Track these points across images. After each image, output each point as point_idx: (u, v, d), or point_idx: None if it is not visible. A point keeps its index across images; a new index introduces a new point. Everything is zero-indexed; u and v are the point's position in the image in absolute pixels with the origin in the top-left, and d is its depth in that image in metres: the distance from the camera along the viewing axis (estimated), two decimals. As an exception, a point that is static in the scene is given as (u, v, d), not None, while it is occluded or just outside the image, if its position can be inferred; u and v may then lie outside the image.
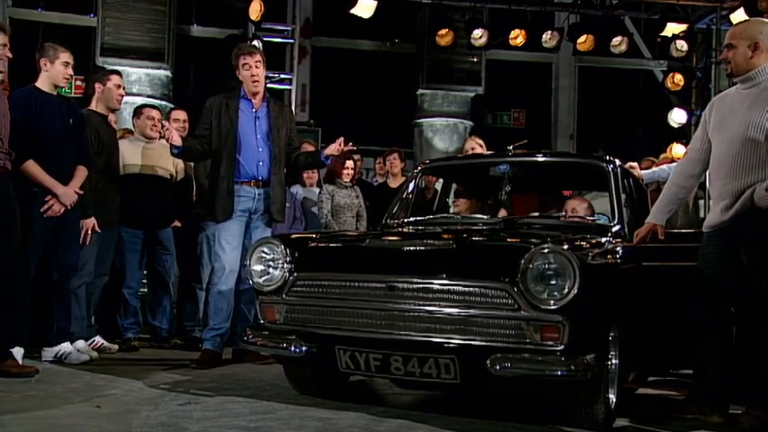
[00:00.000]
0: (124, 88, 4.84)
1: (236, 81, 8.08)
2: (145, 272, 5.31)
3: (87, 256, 4.44)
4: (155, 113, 5.22)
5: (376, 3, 8.14)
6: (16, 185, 3.76)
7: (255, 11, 7.51)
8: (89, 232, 4.36)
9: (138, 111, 5.30)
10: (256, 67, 4.30)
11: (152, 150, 5.14)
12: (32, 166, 3.93)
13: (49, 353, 4.09)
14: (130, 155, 5.04)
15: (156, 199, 5.11)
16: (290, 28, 8.79)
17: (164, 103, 8.86)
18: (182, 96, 9.32)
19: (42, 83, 4.09)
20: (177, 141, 4.12)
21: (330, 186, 5.99)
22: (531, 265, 2.65)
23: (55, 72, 4.08)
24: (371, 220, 6.08)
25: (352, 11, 8.21)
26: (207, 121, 4.35)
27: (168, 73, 9.30)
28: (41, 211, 3.94)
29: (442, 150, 10.27)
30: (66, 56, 4.11)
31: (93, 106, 4.69)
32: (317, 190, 6.15)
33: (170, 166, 5.24)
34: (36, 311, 4.00)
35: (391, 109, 10.85)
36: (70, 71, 4.15)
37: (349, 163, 6.03)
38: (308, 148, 7.00)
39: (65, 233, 4.12)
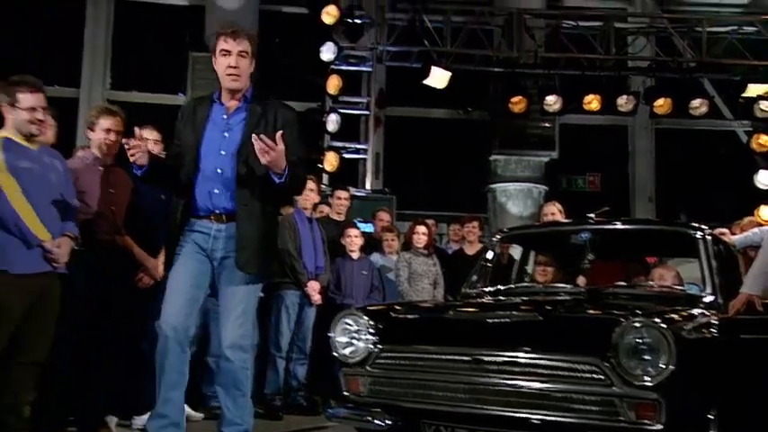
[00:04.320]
0: None
1: (316, 152, 8.34)
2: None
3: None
4: None
5: (450, 74, 8.32)
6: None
7: (334, 86, 7.83)
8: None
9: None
10: (240, 56, 3.10)
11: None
12: (125, 238, 4.13)
13: (138, 421, 4.20)
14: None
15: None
16: (365, 100, 9.07)
17: None
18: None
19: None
20: (141, 160, 3.01)
21: (407, 254, 6.04)
22: (623, 340, 2.58)
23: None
24: (447, 287, 6.07)
25: (426, 82, 8.41)
26: (177, 135, 3.27)
27: None
28: (133, 283, 4.13)
29: (515, 215, 10.20)
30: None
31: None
32: (396, 257, 6.21)
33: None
34: (126, 380, 4.14)
35: (464, 175, 10.90)
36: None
37: (420, 228, 6.08)
38: (384, 216, 7.13)
39: (154, 305, 4.28)
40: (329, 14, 7.86)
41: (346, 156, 8.36)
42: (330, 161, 7.71)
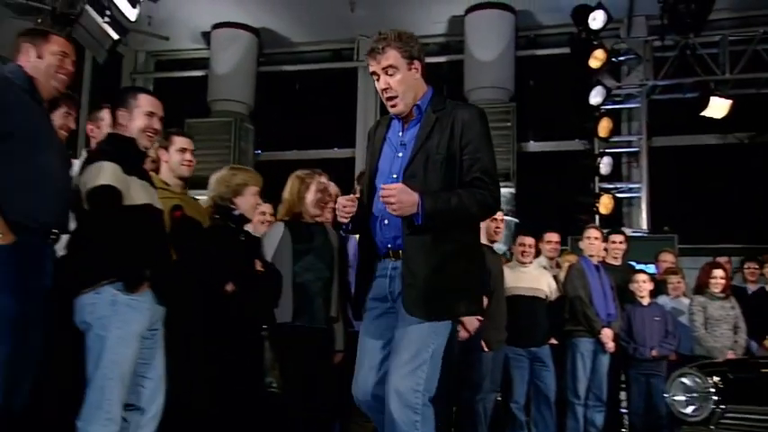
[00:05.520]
0: None
1: (588, 195, 8.24)
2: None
3: (484, 373, 4.94)
4: (528, 240, 5.65)
5: (731, 102, 7.79)
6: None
7: (605, 128, 7.76)
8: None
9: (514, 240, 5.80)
10: (387, 74, 2.61)
11: (528, 274, 5.56)
12: None
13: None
14: (511, 279, 5.48)
15: (536, 319, 5.47)
16: (635, 138, 8.77)
17: (509, 218, 9.37)
18: (525, 211, 9.81)
19: None
20: (347, 219, 2.63)
21: (701, 297, 5.77)
22: None
23: None
24: (750, 331, 5.68)
25: (704, 113, 7.95)
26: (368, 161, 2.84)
27: (513, 190, 9.68)
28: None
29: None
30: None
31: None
32: (686, 300, 5.97)
33: (545, 287, 5.60)
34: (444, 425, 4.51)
35: (748, 203, 9.94)
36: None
37: (717, 272, 5.77)
38: (668, 258, 6.80)
39: (472, 355, 4.69)
40: (597, 59, 7.86)
41: (619, 195, 8.14)
42: (605, 204, 7.61)
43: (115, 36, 7.57)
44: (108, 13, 7.42)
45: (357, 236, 2.91)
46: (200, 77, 11.08)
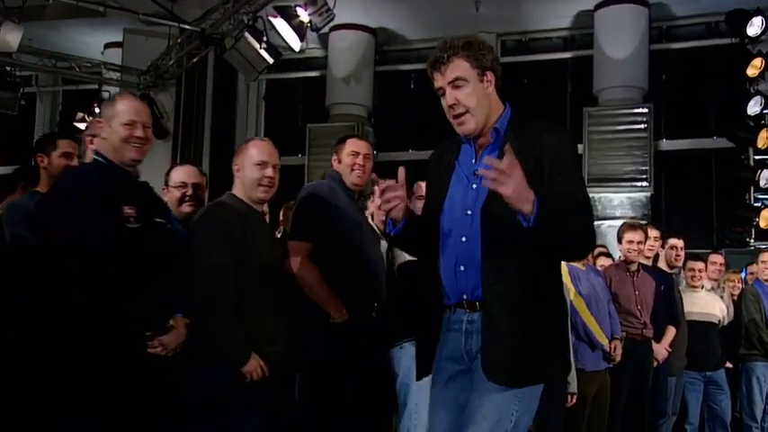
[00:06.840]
0: None
1: (743, 208, 8.01)
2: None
3: (669, 398, 5.13)
4: (698, 265, 5.66)
5: None
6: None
7: (764, 139, 7.53)
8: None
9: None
10: (455, 87, 2.18)
11: (700, 299, 5.63)
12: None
13: None
14: (686, 302, 5.56)
15: (709, 344, 5.55)
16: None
17: (643, 222, 9.13)
18: (661, 215, 9.59)
19: None
20: (398, 213, 2.19)
21: None
22: None
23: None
24: None
25: None
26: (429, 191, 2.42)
27: (648, 194, 9.35)
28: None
29: None
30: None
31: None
32: None
33: (717, 311, 5.66)
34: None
35: None
36: None
37: None
38: None
39: (659, 382, 4.94)
40: (755, 67, 7.62)
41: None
42: (766, 218, 7.44)
43: (270, 60, 7.90)
44: (265, 39, 7.73)
45: None
46: (313, 78, 10.95)
